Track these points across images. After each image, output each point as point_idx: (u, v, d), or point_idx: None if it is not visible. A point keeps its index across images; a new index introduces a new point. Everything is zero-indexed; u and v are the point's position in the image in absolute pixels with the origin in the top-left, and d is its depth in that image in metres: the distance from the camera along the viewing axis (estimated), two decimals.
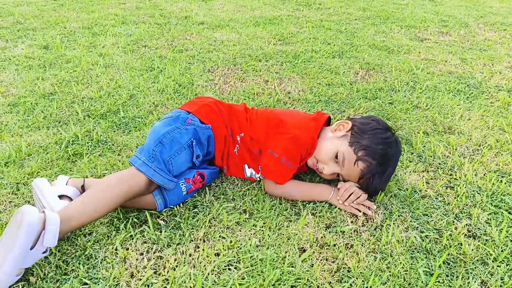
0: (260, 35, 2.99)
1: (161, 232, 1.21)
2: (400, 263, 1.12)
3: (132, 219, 1.25)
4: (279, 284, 1.05)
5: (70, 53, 2.54)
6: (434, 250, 1.17)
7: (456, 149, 1.64)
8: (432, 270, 1.11)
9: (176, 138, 1.29)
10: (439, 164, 1.56)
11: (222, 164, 1.42)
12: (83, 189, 1.29)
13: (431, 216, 1.30)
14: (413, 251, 1.17)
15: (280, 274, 1.07)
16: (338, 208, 1.31)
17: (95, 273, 1.07)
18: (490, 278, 1.09)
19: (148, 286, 1.04)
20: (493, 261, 1.14)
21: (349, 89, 2.16)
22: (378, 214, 1.30)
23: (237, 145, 1.41)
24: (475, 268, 1.12)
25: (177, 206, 1.29)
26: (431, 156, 1.60)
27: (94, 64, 2.38)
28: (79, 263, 1.09)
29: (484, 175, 1.49)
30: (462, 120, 1.86)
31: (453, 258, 1.15)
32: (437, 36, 3.11)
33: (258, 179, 1.42)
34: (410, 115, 1.91)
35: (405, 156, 1.58)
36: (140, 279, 1.05)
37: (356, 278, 1.07)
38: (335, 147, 1.34)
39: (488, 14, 3.80)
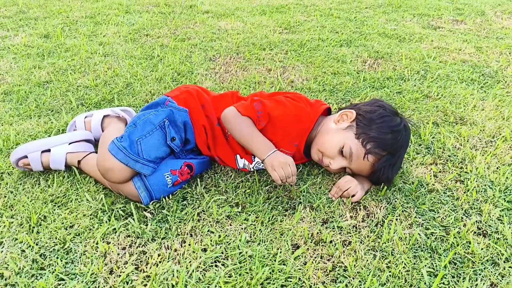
0: (266, 24, 2.89)
1: (146, 225, 1.13)
2: (402, 262, 1.03)
3: (118, 211, 1.18)
4: (268, 283, 0.97)
5: (70, 42, 2.48)
6: (440, 248, 1.07)
7: (467, 141, 1.53)
8: (437, 270, 1.01)
9: (149, 119, 1.24)
10: (449, 156, 1.45)
11: (211, 153, 1.34)
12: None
13: (437, 212, 1.20)
14: (416, 250, 1.07)
15: (270, 272, 0.99)
16: (337, 202, 1.22)
17: (72, 268, 1.00)
18: (500, 280, 0.99)
19: (127, 283, 0.97)
20: (504, 262, 1.04)
21: (355, 78, 2.05)
22: (380, 209, 1.20)
23: (226, 136, 1.32)
24: (484, 268, 1.02)
25: (166, 198, 1.22)
26: (440, 148, 1.49)
27: (93, 52, 2.32)
28: (57, 257, 1.03)
29: (497, 168, 1.39)
30: (475, 110, 1.75)
31: (460, 257, 1.05)
32: (451, 24, 2.97)
33: (252, 169, 1.33)
34: (419, 105, 1.80)
35: (412, 148, 1.48)
36: (119, 276, 0.98)
37: (353, 278, 0.99)
38: (341, 140, 1.24)
39: (506, 2, 3.62)
